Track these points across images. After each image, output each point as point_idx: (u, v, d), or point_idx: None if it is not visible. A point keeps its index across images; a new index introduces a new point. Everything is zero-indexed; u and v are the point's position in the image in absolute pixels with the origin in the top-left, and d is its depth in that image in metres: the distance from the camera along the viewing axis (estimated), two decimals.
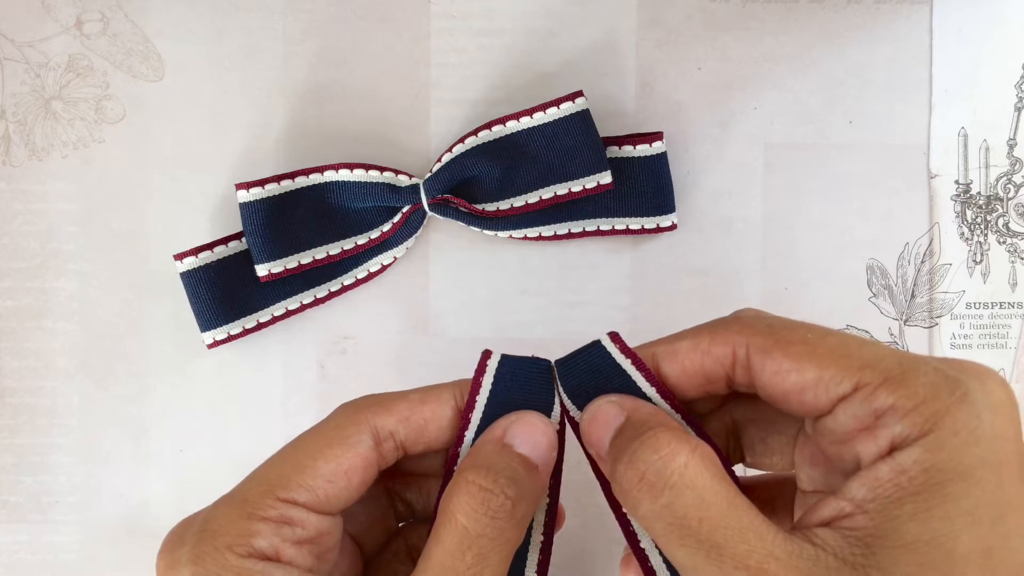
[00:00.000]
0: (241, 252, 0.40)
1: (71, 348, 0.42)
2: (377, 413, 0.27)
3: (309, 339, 0.42)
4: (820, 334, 0.24)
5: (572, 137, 0.39)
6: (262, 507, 0.25)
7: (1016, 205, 0.42)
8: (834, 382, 0.23)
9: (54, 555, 0.42)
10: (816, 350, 0.24)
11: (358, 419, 0.27)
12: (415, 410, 0.27)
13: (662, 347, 0.27)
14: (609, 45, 0.41)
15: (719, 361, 0.25)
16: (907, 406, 0.22)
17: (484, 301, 0.42)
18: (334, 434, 0.26)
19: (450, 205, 0.40)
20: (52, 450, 0.42)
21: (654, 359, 0.27)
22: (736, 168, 0.41)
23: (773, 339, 0.24)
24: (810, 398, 0.24)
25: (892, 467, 0.22)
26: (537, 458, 0.26)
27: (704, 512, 0.22)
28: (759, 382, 0.25)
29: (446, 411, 0.27)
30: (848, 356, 0.23)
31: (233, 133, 0.41)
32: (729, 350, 0.25)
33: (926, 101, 0.41)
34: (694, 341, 0.26)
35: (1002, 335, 0.42)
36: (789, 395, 0.24)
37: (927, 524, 0.21)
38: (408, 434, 0.27)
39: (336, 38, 0.41)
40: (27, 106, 0.41)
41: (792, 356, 0.24)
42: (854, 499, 0.22)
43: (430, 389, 0.28)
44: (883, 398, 0.22)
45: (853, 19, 0.41)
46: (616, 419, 0.25)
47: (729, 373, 0.25)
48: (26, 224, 0.41)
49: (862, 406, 0.23)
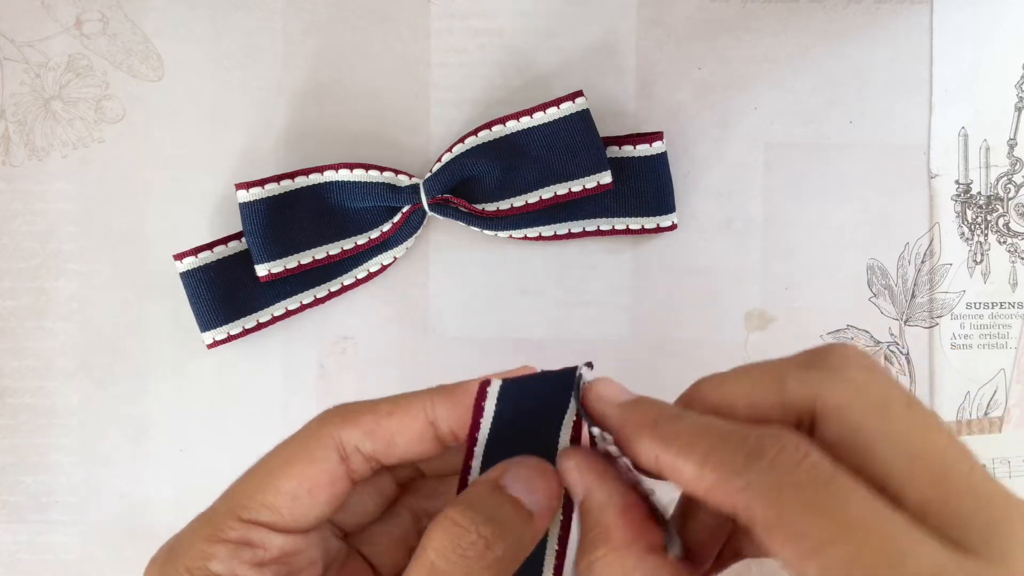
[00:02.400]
0: (241, 252, 0.40)
1: (71, 348, 0.42)
2: (342, 426, 0.26)
3: (309, 339, 0.42)
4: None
5: (572, 137, 0.39)
6: (223, 528, 0.24)
7: (1016, 205, 0.42)
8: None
9: (54, 555, 0.42)
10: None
11: (322, 433, 0.26)
12: (381, 422, 0.26)
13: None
14: (609, 45, 0.41)
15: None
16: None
17: (484, 301, 0.42)
18: (297, 450, 0.26)
19: (450, 205, 0.40)
20: (52, 450, 0.42)
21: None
22: (736, 168, 0.41)
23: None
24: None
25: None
26: (532, 504, 0.25)
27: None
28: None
29: (415, 425, 0.26)
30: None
31: (233, 133, 0.41)
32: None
33: (926, 101, 0.41)
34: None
35: (1002, 335, 0.42)
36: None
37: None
38: (376, 447, 0.26)
39: (336, 38, 0.41)
40: (27, 106, 0.41)
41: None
42: None
43: (400, 399, 0.26)
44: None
45: (853, 19, 0.41)
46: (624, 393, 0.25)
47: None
48: (26, 224, 0.41)
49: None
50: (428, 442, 0.26)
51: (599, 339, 0.41)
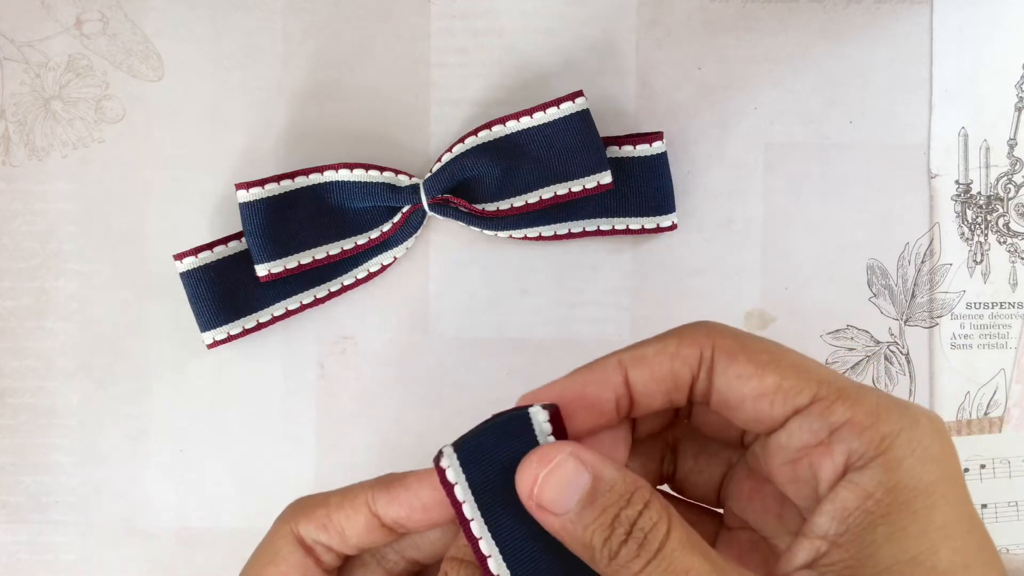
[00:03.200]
0: (241, 252, 0.40)
1: (71, 348, 0.42)
2: (300, 521, 0.27)
3: (309, 339, 0.42)
4: (783, 349, 0.25)
5: (572, 137, 0.39)
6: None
7: (1016, 205, 0.42)
8: (792, 391, 0.24)
9: (53, 555, 0.42)
10: (779, 361, 0.24)
11: (284, 531, 0.27)
12: (332, 516, 0.27)
13: (628, 354, 0.26)
14: (609, 45, 0.41)
15: (687, 363, 0.25)
16: (863, 423, 0.22)
17: (484, 301, 0.42)
18: (264, 551, 0.27)
19: (450, 205, 0.40)
20: (52, 450, 0.42)
21: (621, 365, 0.26)
22: (736, 168, 0.41)
23: (739, 344, 0.25)
24: (766, 406, 0.24)
25: (856, 493, 0.22)
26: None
27: (690, 563, 0.22)
28: (718, 385, 0.25)
29: (359, 517, 0.26)
30: (807, 371, 0.24)
31: (233, 133, 0.41)
32: (697, 351, 0.25)
33: (926, 101, 0.41)
34: (662, 344, 0.26)
35: (1002, 335, 0.42)
36: (746, 401, 0.24)
37: (903, 544, 0.21)
38: (331, 540, 0.27)
39: (336, 38, 0.41)
40: (27, 106, 0.41)
41: (756, 362, 0.24)
42: (826, 535, 0.22)
43: (348, 491, 0.27)
44: (839, 413, 0.23)
45: (853, 19, 0.41)
46: (580, 477, 0.23)
47: (695, 375, 0.25)
48: (26, 224, 0.41)
49: (818, 420, 0.23)
50: (376, 531, 0.27)
51: (599, 339, 0.41)
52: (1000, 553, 0.23)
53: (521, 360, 0.42)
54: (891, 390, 0.42)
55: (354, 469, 0.41)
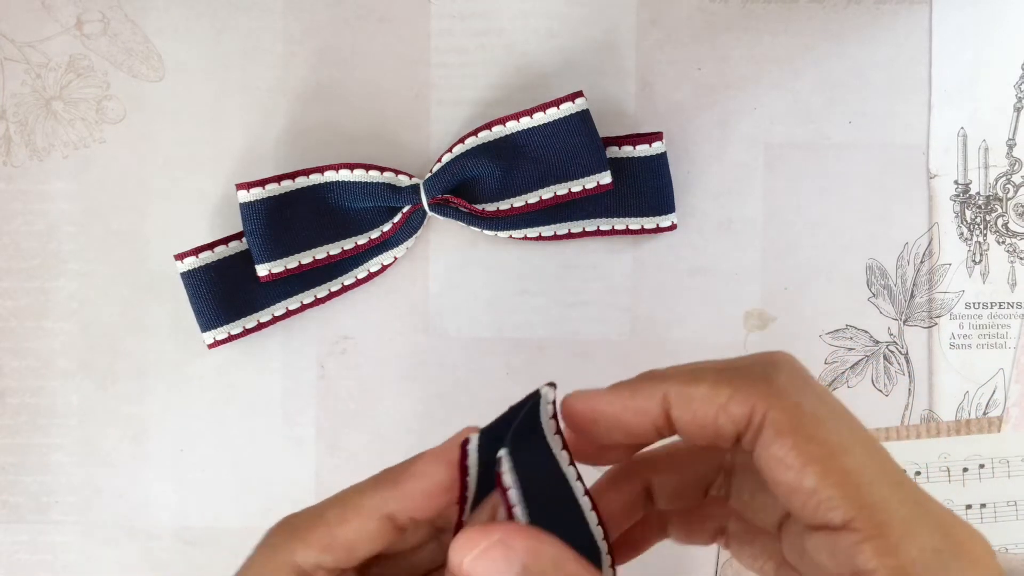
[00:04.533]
0: (241, 252, 0.40)
1: (71, 348, 0.42)
2: (295, 548, 0.24)
3: (309, 339, 0.42)
4: (845, 443, 0.21)
5: (572, 137, 0.39)
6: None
7: (1015, 205, 0.42)
8: (827, 505, 0.21)
9: (54, 555, 0.42)
10: (829, 462, 0.21)
11: (277, 560, 0.24)
12: (335, 533, 0.24)
13: (675, 388, 0.23)
14: (609, 45, 0.41)
15: (733, 421, 0.23)
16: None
17: (484, 301, 0.42)
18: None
19: (450, 205, 0.40)
20: (52, 450, 0.42)
21: (665, 401, 0.24)
22: (736, 168, 0.41)
23: (794, 423, 0.22)
24: (797, 504, 0.21)
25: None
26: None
27: None
28: (758, 455, 0.23)
29: (370, 524, 0.24)
30: (856, 486, 0.21)
31: (233, 133, 0.41)
32: (747, 412, 0.22)
33: (926, 101, 0.41)
34: (713, 392, 0.23)
35: (1001, 335, 0.42)
36: (778, 487, 0.22)
37: None
38: (337, 559, 0.24)
39: (336, 38, 0.41)
40: (28, 106, 0.41)
41: (802, 454, 0.21)
42: None
43: (348, 501, 0.25)
44: (866, 557, 0.20)
45: (853, 19, 0.41)
46: (509, 567, 0.21)
47: (740, 434, 0.23)
48: (26, 224, 0.41)
49: (843, 552, 0.21)
50: (388, 535, 0.25)
51: (599, 339, 0.41)
52: (999, 553, 0.22)
53: (521, 360, 0.42)
54: (890, 390, 0.42)
55: (354, 469, 0.41)
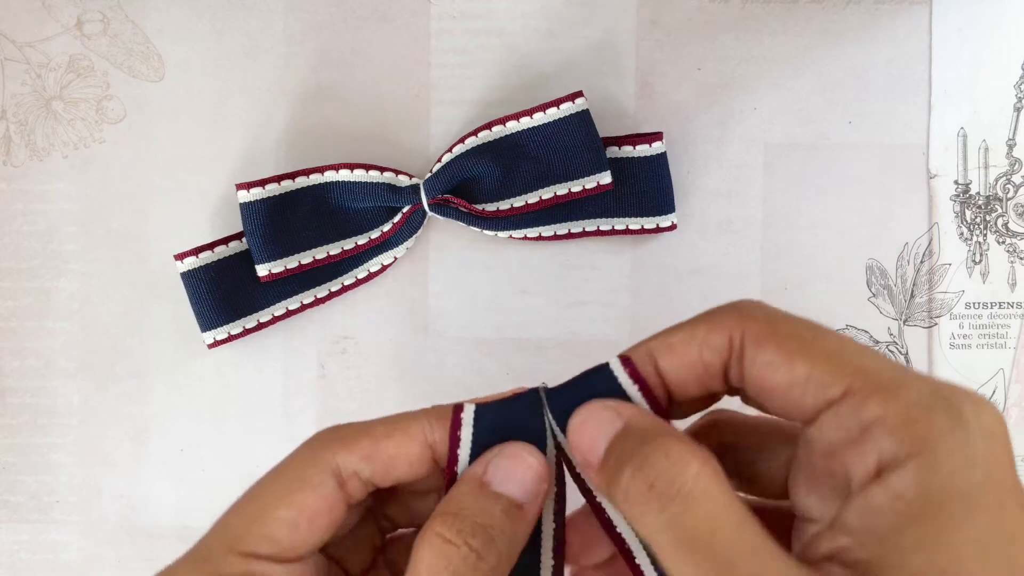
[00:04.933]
0: (241, 252, 0.40)
1: (71, 348, 0.42)
2: (338, 451, 0.25)
3: (309, 339, 0.42)
4: (818, 333, 0.23)
5: (572, 137, 0.39)
6: (222, 565, 0.24)
7: (1015, 205, 0.42)
8: (823, 384, 0.22)
9: (54, 555, 0.42)
10: (811, 348, 0.23)
11: (318, 459, 0.25)
12: (379, 446, 0.25)
13: (656, 342, 0.25)
14: (609, 45, 0.41)
15: (716, 351, 0.24)
16: (897, 421, 0.21)
17: (484, 301, 0.42)
18: (294, 478, 0.25)
19: (450, 205, 0.40)
20: (52, 450, 0.42)
21: (650, 356, 0.25)
22: (736, 168, 0.41)
23: (769, 329, 0.23)
24: (796, 397, 0.22)
25: (887, 493, 0.20)
26: (521, 495, 0.24)
27: (716, 526, 0.20)
28: (748, 374, 0.24)
29: (413, 447, 0.25)
30: (842, 359, 0.22)
31: (233, 133, 0.41)
32: (725, 338, 0.24)
33: (925, 101, 0.41)
34: (690, 332, 0.25)
35: (1001, 335, 0.42)
36: (776, 392, 0.23)
37: (934, 555, 0.20)
38: (374, 472, 0.25)
39: (336, 38, 0.41)
40: (28, 106, 0.41)
41: (785, 350, 0.23)
42: (851, 531, 0.21)
43: (397, 421, 0.26)
44: (872, 409, 0.21)
45: (852, 19, 0.41)
46: (612, 424, 0.23)
47: (726, 363, 0.24)
48: (26, 224, 0.42)
49: (849, 416, 0.21)
50: (426, 464, 0.26)
51: (599, 339, 0.41)
52: None
53: (521, 360, 0.42)
54: None
55: None
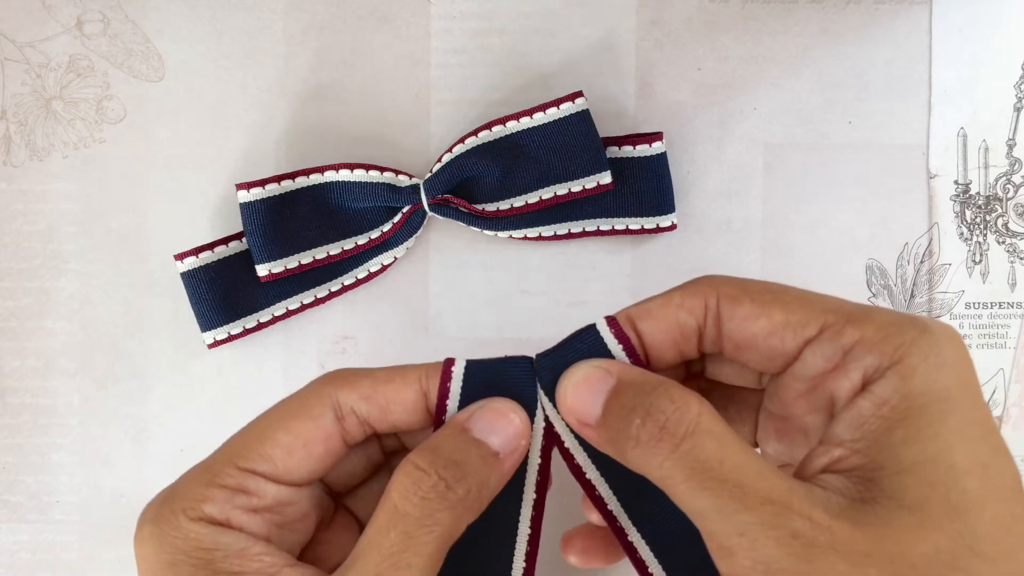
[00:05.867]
0: (241, 252, 0.40)
1: (71, 348, 0.42)
2: (340, 388, 0.27)
3: (309, 339, 0.42)
4: (784, 287, 0.26)
5: (572, 137, 0.39)
6: (221, 475, 0.25)
7: (1015, 205, 0.42)
8: (800, 324, 0.24)
9: (54, 555, 0.42)
10: (782, 298, 0.25)
11: (322, 392, 0.27)
12: (378, 389, 0.27)
13: (635, 308, 0.27)
14: (609, 45, 0.41)
15: (692, 313, 0.26)
16: (874, 339, 0.23)
17: (484, 301, 0.42)
18: (297, 406, 0.27)
19: (450, 205, 0.40)
20: (52, 450, 0.42)
21: (629, 320, 0.27)
22: (736, 168, 0.41)
23: (741, 289, 0.25)
24: (777, 342, 0.25)
25: (872, 400, 0.22)
26: (499, 445, 0.26)
27: (724, 454, 0.22)
28: (727, 330, 0.25)
29: (409, 393, 0.27)
30: (811, 302, 0.25)
31: (233, 133, 0.41)
32: (701, 301, 0.26)
33: (925, 101, 0.41)
34: (666, 298, 0.27)
35: (1001, 335, 0.42)
36: (757, 340, 0.25)
37: (921, 445, 0.22)
38: (371, 412, 0.27)
39: (336, 38, 0.41)
40: (28, 106, 0.41)
41: (760, 302, 0.25)
42: (843, 442, 0.23)
43: (397, 369, 0.27)
44: (850, 334, 0.23)
45: (852, 19, 0.41)
46: (605, 381, 0.25)
47: (701, 325, 0.26)
48: (26, 224, 0.42)
49: (830, 345, 0.24)
50: (420, 412, 0.27)
51: None
52: None
53: None
54: None
55: None
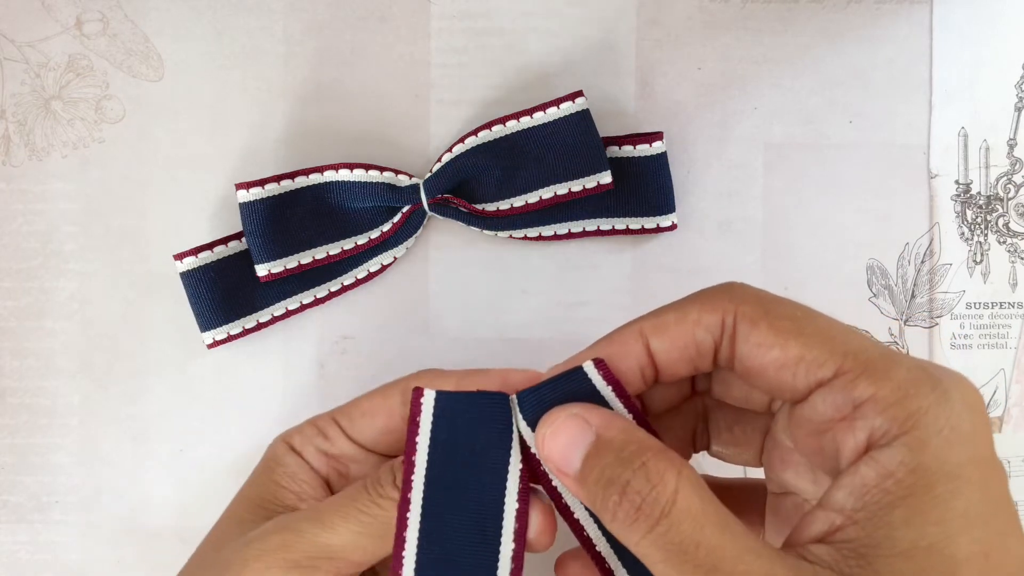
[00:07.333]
0: (241, 252, 0.40)
1: (71, 348, 0.42)
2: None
3: (309, 339, 0.42)
4: (809, 315, 0.24)
5: (572, 137, 0.39)
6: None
7: (1016, 205, 0.42)
8: (816, 363, 0.23)
9: (54, 555, 0.42)
10: (803, 329, 0.23)
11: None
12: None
13: (649, 322, 0.26)
14: (609, 45, 0.41)
15: (708, 330, 0.25)
16: (887, 399, 0.22)
17: (484, 301, 0.42)
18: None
19: (450, 205, 0.40)
20: (52, 450, 0.42)
21: (642, 335, 0.25)
22: (736, 168, 0.41)
23: (762, 310, 0.24)
24: (788, 377, 0.23)
25: (877, 471, 0.21)
26: None
27: (700, 536, 0.21)
28: (740, 353, 0.24)
29: (378, 420, 0.32)
30: (832, 340, 0.23)
31: (233, 133, 0.41)
32: (718, 318, 0.24)
33: (926, 101, 0.41)
34: (683, 312, 0.25)
35: (1002, 335, 0.42)
36: (767, 370, 0.24)
37: (922, 529, 0.20)
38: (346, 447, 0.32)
39: (336, 38, 0.41)
40: (27, 106, 0.41)
41: (778, 330, 0.23)
42: (842, 509, 0.22)
43: (373, 396, 0.33)
44: (863, 388, 0.22)
45: (853, 19, 0.41)
46: (584, 434, 0.24)
47: (717, 342, 0.25)
48: (26, 224, 0.41)
49: (841, 394, 0.22)
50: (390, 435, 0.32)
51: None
52: None
53: (521, 360, 0.42)
54: None
55: None
